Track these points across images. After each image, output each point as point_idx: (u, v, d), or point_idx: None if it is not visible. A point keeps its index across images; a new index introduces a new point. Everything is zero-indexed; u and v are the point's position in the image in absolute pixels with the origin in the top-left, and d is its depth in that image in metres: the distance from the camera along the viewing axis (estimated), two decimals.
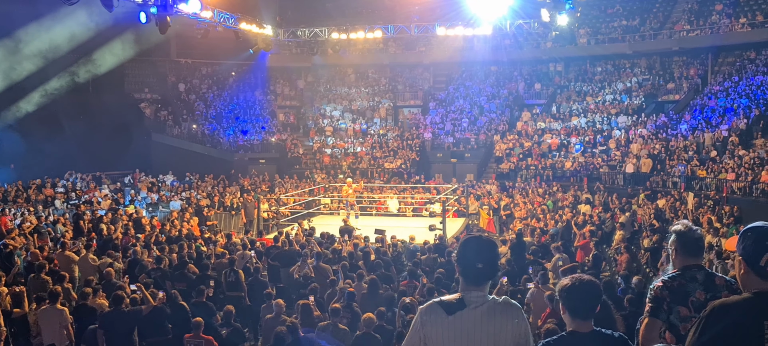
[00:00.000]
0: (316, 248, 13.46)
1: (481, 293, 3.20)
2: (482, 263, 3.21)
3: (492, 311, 3.16)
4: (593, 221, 19.34)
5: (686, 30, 31.07)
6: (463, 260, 3.26)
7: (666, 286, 3.62)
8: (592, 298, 3.24)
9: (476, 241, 3.31)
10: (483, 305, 3.16)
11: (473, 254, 3.24)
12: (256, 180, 28.58)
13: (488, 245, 3.28)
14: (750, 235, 2.60)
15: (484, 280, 3.24)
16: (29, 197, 21.16)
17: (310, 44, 30.49)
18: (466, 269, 3.24)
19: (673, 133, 26.83)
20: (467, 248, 3.28)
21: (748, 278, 2.58)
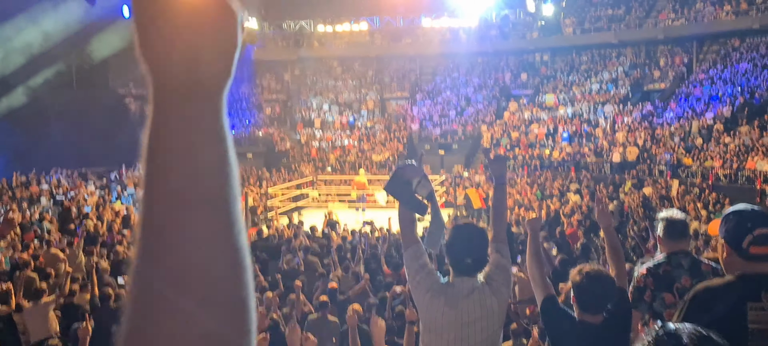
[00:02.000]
0: (305, 241, 13.43)
1: (471, 280, 3.22)
2: (471, 258, 3.23)
3: (483, 296, 3.19)
4: (582, 210, 19.42)
5: (671, 19, 31.23)
6: (452, 252, 3.27)
7: (650, 273, 3.64)
8: (604, 294, 3.25)
9: (465, 233, 3.30)
10: (474, 292, 3.19)
11: (462, 248, 3.24)
12: (244, 174, 28.47)
13: (477, 238, 3.28)
14: (732, 218, 2.60)
15: (473, 272, 3.25)
16: (14, 194, 20.95)
17: (296, 37, 30.42)
18: (457, 263, 3.25)
19: (659, 121, 26.99)
20: (456, 240, 3.28)
21: (731, 261, 2.59)
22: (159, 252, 0.66)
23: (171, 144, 0.67)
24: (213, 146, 0.68)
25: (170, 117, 0.68)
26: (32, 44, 26.44)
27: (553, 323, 3.33)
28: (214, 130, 0.69)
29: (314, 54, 35.63)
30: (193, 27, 0.68)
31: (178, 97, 0.67)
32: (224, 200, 0.68)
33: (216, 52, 0.70)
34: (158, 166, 0.67)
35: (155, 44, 0.68)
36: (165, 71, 0.67)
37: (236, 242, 0.68)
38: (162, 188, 0.67)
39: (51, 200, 21.15)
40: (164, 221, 0.66)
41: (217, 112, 0.69)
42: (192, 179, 0.67)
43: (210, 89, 0.69)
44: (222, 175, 0.69)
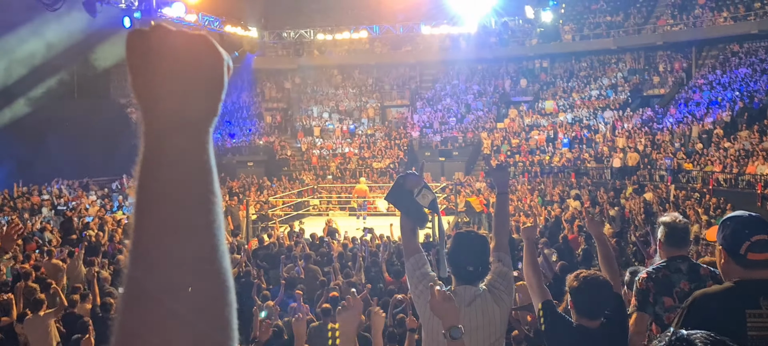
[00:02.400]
0: (306, 249, 13.44)
1: (473, 288, 3.23)
2: (473, 266, 3.24)
3: (485, 304, 3.21)
4: (582, 216, 19.41)
5: (670, 24, 31.30)
6: (454, 261, 3.28)
7: (650, 278, 3.64)
8: (601, 299, 3.24)
9: (467, 241, 3.32)
10: (476, 299, 3.21)
11: (464, 256, 3.26)
12: (246, 183, 28.49)
13: (479, 245, 3.30)
14: (729, 224, 2.62)
15: (475, 280, 3.27)
16: (15, 205, 20.97)
17: (296, 46, 30.49)
18: (459, 271, 3.27)
19: (658, 126, 27.01)
20: (458, 248, 3.30)
21: (729, 267, 2.60)
22: (146, 278, 0.72)
23: (160, 176, 0.74)
24: (199, 179, 0.75)
25: (159, 152, 0.74)
26: (35, 55, 26.53)
27: (551, 328, 3.34)
28: (200, 163, 0.75)
29: (314, 62, 35.71)
30: (182, 68, 0.75)
31: (167, 133, 0.74)
32: (208, 227, 0.74)
33: (204, 92, 0.76)
34: (147, 198, 0.74)
35: (147, 84, 0.75)
36: (155, 109, 0.74)
37: (219, 266, 0.74)
38: (150, 219, 0.73)
39: (52, 210, 21.18)
40: (151, 248, 0.72)
41: (203, 146, 0.76)
42: (179, 210, 0.73)
43: (197, 125, 0.75)
44: (207, 205, 0.74)
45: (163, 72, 0.76)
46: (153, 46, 0.76)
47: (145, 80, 0.76)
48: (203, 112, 0.77)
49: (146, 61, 0.76)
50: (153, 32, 0.77)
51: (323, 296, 9.72)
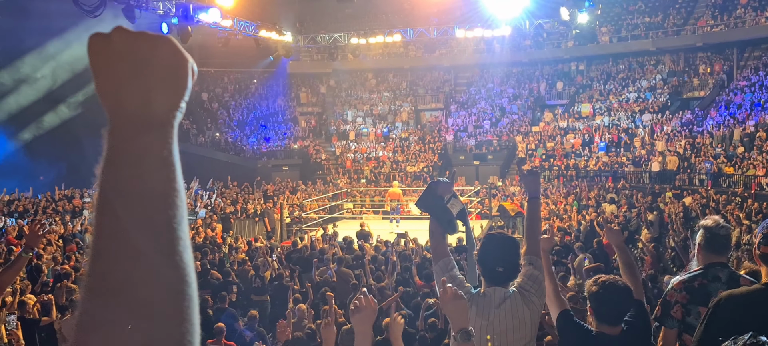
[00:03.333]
0: (338, 253, 13.49)
1: (503, 290, 3.22)
2: (503, 266, 3.23)
3: (515, 305, 3.19)
4: (618, 220, 19.10)
5: (710, 25, 30.64)
6: (484, 261, 3.28)
7: (685, 287, 3.50)
8: (621, 304, 3.17)
9: (497, 242, 3.31)
10: (506, 301, 3.19)
11: (494, 257, 3.25)
12: (281, 186, 28.76)
13: (509, 247, 3.28)
14: (765, 226, 2.55)
15: (505, 281, 3.25)
16: (57, 207, 21.52)
17: (330, 50, 30.63)
18: (488, 271, 3.26)
19: (699, 130, 26.45)
20: (488, 249, 3.29)
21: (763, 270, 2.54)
22: (105, 271, 0.74)
23: (120, 172, 0.76)
24: (159, 175, 0.77)
25: (120, 149, 0.77)
26: (77, 60, 27.26)
27: (570, 337, 3.29)
28: (160, 158, 0.77)
29: (348, 66, 35.88)
30: (144, 69, 0.78)
31: (128, 131, 0.76)
32: (169, 222, 0.76)
33: (167, 91, 0.79)
34: (107, 193, 0.76)
35: (109, 84, 0.78)
36: (117, 108, 0.77)
37: (180, 259, 0.76)
38: (110, 213, 0.76)
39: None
40: (111, 242, 0.75)
41: (164, 140, 0.78)
42: (138, 204, 0.75)
43: (159, 124, 0.78)
44: (167, 199, 0.77)
45: (124, 73, 0.78)
46: (114, 48, 0.79)
47: (108, 81, 0.79)
48: (164, 112, 0.79)
49: (108, 62, 0.79)
50: (114, 35, 0.80)
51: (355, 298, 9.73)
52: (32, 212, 20.40)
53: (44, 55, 27.11)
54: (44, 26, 25.30)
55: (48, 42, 26.51)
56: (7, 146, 26.77)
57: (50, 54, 27.17)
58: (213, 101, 35.77)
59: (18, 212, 20.31)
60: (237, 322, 9.24)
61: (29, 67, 27.42)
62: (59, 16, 22.83)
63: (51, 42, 26.62)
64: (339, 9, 30.85)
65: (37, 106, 27.96)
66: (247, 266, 12.80)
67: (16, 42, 25.75)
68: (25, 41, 26.04)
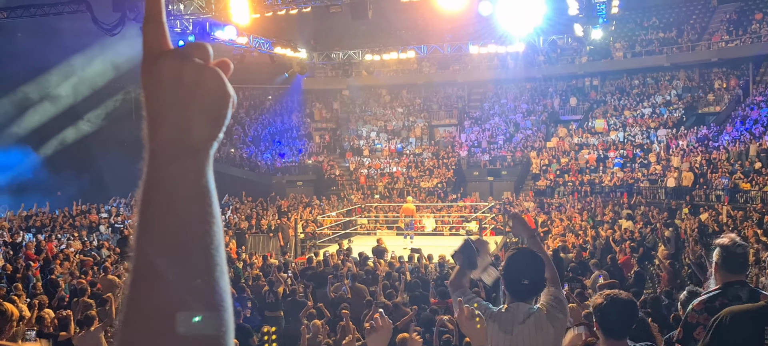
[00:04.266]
0: (353, 269, 13.51)
1: (527, 306, 3.23)
2: (528, 279, 3.24)
3: (539, 321, 3.20)
4: (634, 236, 18.97)
5: (725, 40, 30.51)
6: (509, 276, 3.29)
7: (706, 308, 3.44)
8: (627, 316, 3.15)
9: (521, 256, 3.33)
10: (530, 317, 3.19)
11: (519, 270, 3.27)
12: (295, 202, 28.86)
13: (534, 261, 3.30)
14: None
15: (530, 296, 3.26)
16: (74, 223, 21.72)
17: (345, 66, 30.81)
18: (513, 285, 3.28)
19: (714, 145, 26.27)
20: (513, 263, 3.31)
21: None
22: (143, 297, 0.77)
23: (159, 198, 0.79)
24: (196, 201, 0.80)
25: (160, 174, 0.79)
26: (97, 77, 27.71)
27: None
28: (197, 185, 0.80)
29: (363, 83, 36.07)
30: (189, 98, 0.80)
31: (168, 157, 0.79)
32: (205, 248, 0.78)
33: (207, 120, 0.81)
34: (147, 217, 0.78)
35: (155, 108, 0.81)
36: (159, 132, 0.80)
37: (216, 285, 0.78)
38: (149, 239, 0.78)
39: (109, 228, 21.85)
40: (149, 267, 0.77)
41: (201, 169, 0.81)
42: (175, 230, 0.77)
43: (197, 152, 0.81)
44: (204, 226, 0.79)
45: (167, 99, 0.80)
46: (165, 73, 0.81)
47: (153, 105, 0.81)
48: (203, 140, 0.82)
49: (154, 86, 0.81)
50: (163, 60, 0.82)
51: (369, 314, 9.74)
52: (50, 227, 20.60)
53: (65, 72, 27.56)
54: (67, 44, 25.73)
55: (69, 59, 26.97)
56: (26, 161, 27.15)
57: (71, 71, 27.62)
58: None
59: (36, 227, 20.53)
60: (251, 338, 9.27)
61: (50, 84, 27.87)
62: (80, 33, 23.17)
63: (72, 59, 27.08)
64: (353, 26, 30.98)
65: (57, 122, 28.38)
66: (261, 281, 12.85)
67: (41, 60, 26.23)
68: (48, 59, 26.51)
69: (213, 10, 19.56)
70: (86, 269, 14.19)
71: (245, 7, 18.71)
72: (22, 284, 12.60)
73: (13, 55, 26.04)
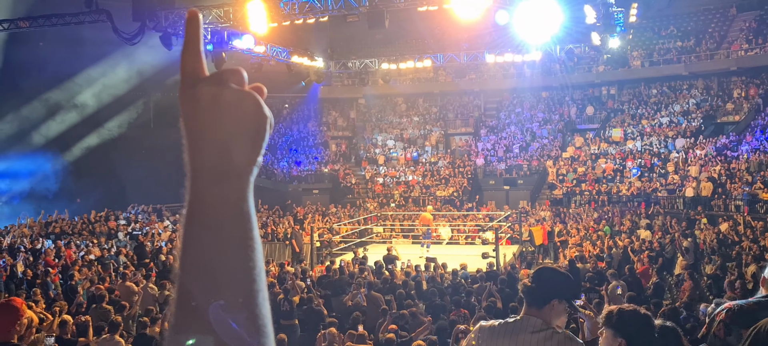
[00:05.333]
0: (370, 277, 13.52)
1: (540, 320, 3.21)
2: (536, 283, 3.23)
3: (549, 340, 3.14)
4: (653, 246, 18.81)
5: (744, 49, 30.24)
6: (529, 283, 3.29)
7: (730, 312, 3.45)
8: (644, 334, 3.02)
9: (551, 270, 3.35)
10: (541, 331, 3.15)
11: (539, 279, 3.27)
12: (311, 210, 28.95)
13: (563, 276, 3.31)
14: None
15: (537, 300, 3.23)
16: (93, 229, 21.94)
17: (361, 75, 30.93)
18: (526, 290, 3.27)
19: (733, 155, 26.00)
20: (540, 274, 3.32)
21: None
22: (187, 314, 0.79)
23: (202, 221, 0.81)
24: (238, 224, 0.82)
25: (202, 198, 0.81)
26: (117, 85, 28.06)
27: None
28: (238, 209, 0.82)
29: (379, 91, 36.15)
30: (228, 122, 0.83)
31: (210, 181, 0.81)
32: (248, 272, 0.80)
33: (246, 146, 0.84)
34: (190, 239, 0.81)
35: (195, 133, 0.83)
36: (200, 157, 0.83)
37: (257, 310, 0.81)
38: (191, 259, 0.81)
39: (127, 235, 22.04)
40: (192, 289, 0.79)
41: (243, 195, 0.83)
42: (218, 254, 0.80)
43: (238, 176, 0.83)
44: (246, 250, 0.81)
45: (207, 124, 0.82)
46: (204, 99, 0.83)
47: (194, 129, 0.83)
48: (244, 165, 0.83)
49: (196, 111, 0.83)
50: (201, 86, 0.84)
51: (385, 323, 9.76)
52: (69, 233, 20.83)
53: (86, 81, 27.95)
54: (89, 52, 26.10)
55: (90, 67, 27.36)
56: (47, 168, 27.52)
57: (92, 79, 28.01)
58: None
59: (55, 234, 20.76)
60: None
61: (72, 92, 28.27)
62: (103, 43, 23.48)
63: (93, 67, 27.47)
64: (370, 35, 31.16)
65: (78, 130, 28.78)
66: (275, 289, 12.88)
67: (63, 68, 26.64)
68: (70, 67, 26.91)
69: (231, 19, 19.73)
70: (104, 276, 14.32)
71: (263, 16, 18.84)
72: (41, 290, 12.76)
73: (36, 64, 26.46)
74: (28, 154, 27.45)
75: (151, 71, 27.34)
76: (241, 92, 0.85)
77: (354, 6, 19.40)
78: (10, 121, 27.49)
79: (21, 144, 27.60)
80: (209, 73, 0.86)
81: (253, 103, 0.85)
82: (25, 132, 27.74)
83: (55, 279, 14.08)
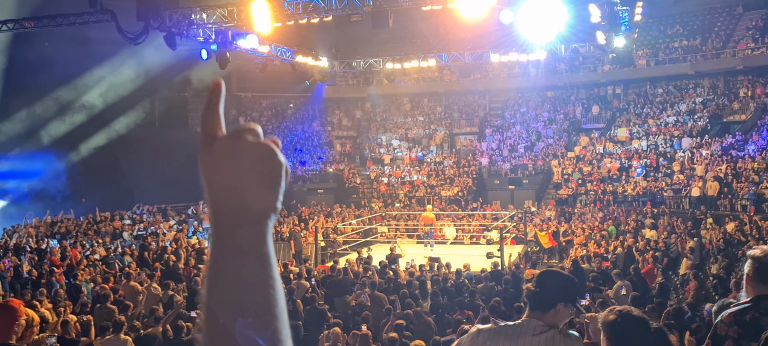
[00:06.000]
0: (375, 277, 13.50)
1: (541, 323, 3.17)
2: (540, 287, 3.20)
3: (551, 342, 3.11)
4: (658, 246, 18.74)
5: (751, 48, 30.09)
6: (532, 288, 3.26)
7: (736, 321, 3.34)
8: (640, 336, 2.96)
9: (555, 274, 3.32)
10: (543, 333, 3.12)
11: (543, 283, 3.23)
12: (315, 210, 28.95)
13: (568, 279, 3.28)
14: None
15: (541, 304, 3.20)
16: (99, 229, 21.99)
17: (366, 75, 30.87)
18: (530, 293, 3.24)
19: (739, 154, 25.87)
20: (543, 278, 3.28)
21: None
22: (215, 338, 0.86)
23: (224, 264, 0.87)
24: (259, 267, 0.88)
25: (223, 243, 0.87)
26: (123, 85, 28.12)
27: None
28: (260, 253, 0.88)
29: (384, 91, 36.12)
30: (246, 172, 0.88)
31: (229, 225, 0.87)
32: (268, 311, 0.87)
33: (263, 192, 0.89)
34: (214, 280, 0.88)
35: (214, 183, 0.89)
36: (222, 205, 0.88)
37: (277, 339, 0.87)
38: (216, 298, 0.87)
39: (132, 234, 22.09)
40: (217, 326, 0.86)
41: (262, 238, 0.89)
42: (239, 292, 0.86)
43: (257, 221, 0.89)
44: (267, 289, 0.88)
45: (227, 175, 0.88)
46: (222, 154, 0.88)
47: (213, 181, 0.89)
48: (261, 211, 0.89)
49: (214, 165, 0.89)
50: (219, 142, 0.90)
51: (389, 323, 9.74)
52: (74, 233, 20.88)
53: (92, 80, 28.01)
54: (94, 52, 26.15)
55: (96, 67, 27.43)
56: (53, 168, 27.59)
57: (98, 79, 28.08)
58: None
59: (60, 233, 20.82)
60: None
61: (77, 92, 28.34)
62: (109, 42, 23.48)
63: (99, 67, 27.54)
64: (374, 34, 31.14)
65: (83, 130, 28.84)
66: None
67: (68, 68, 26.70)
68: (75, 67, 26.98)
69: (235, 19, 19.72)
70: (109, 276, 14.34)
71: (267, 16, 18.82)
72: (46, 290, 12.79)
73: (41, 64, 26.52)
74: (34, 154, 27.53)
75: (157, 71, 27.38)
76: (256, 143, 0.90)
77: (358, 5, 19.37)
78: (16, 121, 27.57)
79: (27, 144, 27.69)
80: (227, 131, 0.92)
81: (268, 152, 0.91)
82: (30, 132, 27.82)
83: (59, 279, 14.10)
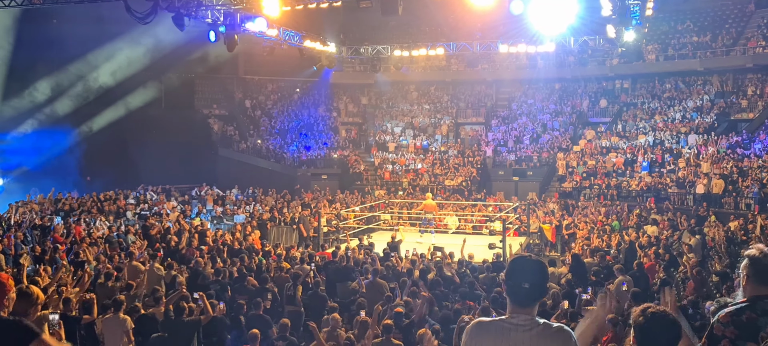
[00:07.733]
0: (377, 264, 13.53)
1: (528, 317, 3.13)
2: (529, 283, 3.12)
3: (541, 336, 3.07)
4: (660, 242, 18.70)
5: (761, 46, 29.88)
6: (509, 280, 3.20)
7: (733, 321, 3.35)
8: (669, 337, 2.99)
9: (524, 261, 3.23)
10: (532, 329, 3.08)
11: (520, 274, 3.17)
12: (318, 195, 28.97)
13: (537, 266, 3.19)
14: None
15: (530, 302, 3.16)
16: (102, 207, 22.07)
17: (373, 61, 30.77)
18: (513, 289, 3.17)
19: (746, 152, 25.75)
20: (514, 267, 3.22)
21: None
22: None
23: None
24: None
25: None
26: (130, 64, 28.14)
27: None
28: None
29: (390, 78, 36.02)
30: None
31: None
32: None
33: None
34: None
35: None
36: None
37: None
38: None
39: (136, 214, 22.16)
40: None
41: None
42: None
43: None
44: None
45: None
46: None
47: None
48: None
49: None
50: None
51: (387, 311, 9.77)
52: (78, 211, 20.95)
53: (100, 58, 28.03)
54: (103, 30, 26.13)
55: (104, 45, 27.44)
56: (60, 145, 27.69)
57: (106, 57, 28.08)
58: (256, 109, 36.31)
59: (64, 211, 20.91)
60: (270, 329, 9.34)
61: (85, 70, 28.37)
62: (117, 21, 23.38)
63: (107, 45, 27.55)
64: (383, 21, 31.02)
65: (91, 108, 28.93)
66: (284, 274, 12.92)
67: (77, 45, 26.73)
68: (84, 45, 27.01)
69: (244, 1, 19.64)
70: (112, 254, 14.41)
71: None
72: (50, 266, 12.86)
73: (49, 41, 26.54)
74: (40, 132, 27.63)
75: (165, 51, 27.36)
76: None
77: None
78: (22, 98, 27.64)
79: (33, 121, 27.79)
80: None
81: None
82: (37, 110, 27.91)
83: (62, 256, 14.17)
